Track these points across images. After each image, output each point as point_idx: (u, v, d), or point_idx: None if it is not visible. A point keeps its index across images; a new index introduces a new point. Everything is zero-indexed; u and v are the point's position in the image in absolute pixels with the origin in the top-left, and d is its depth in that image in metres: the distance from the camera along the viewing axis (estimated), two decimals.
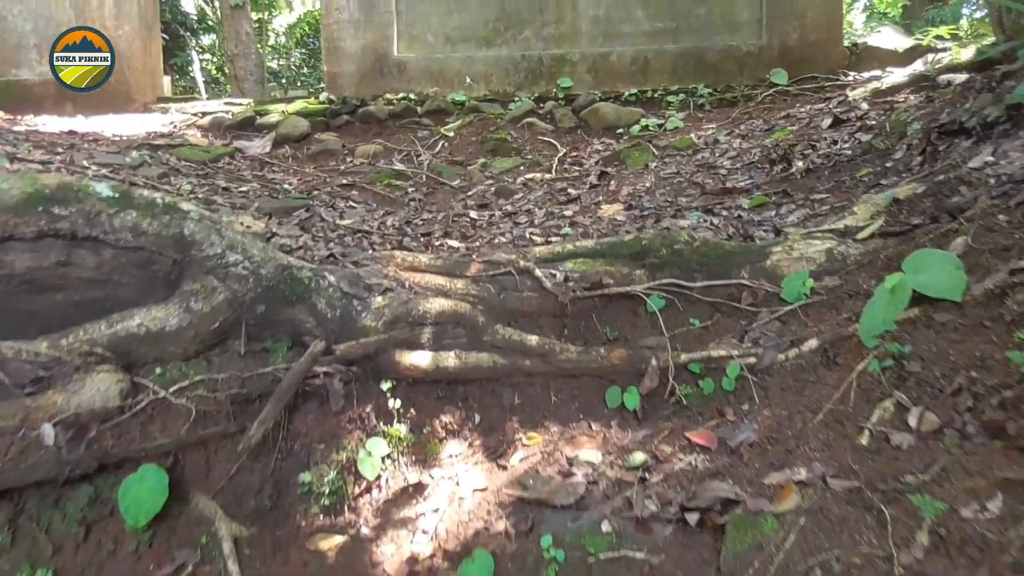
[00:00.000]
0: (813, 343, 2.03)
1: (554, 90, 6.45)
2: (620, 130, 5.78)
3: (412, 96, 6.51)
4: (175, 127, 6.18)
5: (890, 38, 6.16)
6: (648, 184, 4.18)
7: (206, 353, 2.14)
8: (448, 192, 4.65)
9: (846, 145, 3.74)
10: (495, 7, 6.59)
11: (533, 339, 2.28)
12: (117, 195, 2.05)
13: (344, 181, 4.88)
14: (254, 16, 18.37)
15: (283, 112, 6.24)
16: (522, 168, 5.14)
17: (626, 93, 6.35)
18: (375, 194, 4.60)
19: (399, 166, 5.11)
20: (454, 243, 3.31)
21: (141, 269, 2.09)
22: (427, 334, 2.28)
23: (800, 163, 3.64)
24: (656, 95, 6.32)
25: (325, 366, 2.11)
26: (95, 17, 6.75)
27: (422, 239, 3.47)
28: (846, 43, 6.49)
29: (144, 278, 2.11)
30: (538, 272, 2.50)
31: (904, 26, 8.44)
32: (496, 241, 3.33)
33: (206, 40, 20.73)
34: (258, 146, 5.67)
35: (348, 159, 5.50)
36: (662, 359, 2.17)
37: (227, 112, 6.36)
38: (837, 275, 2.30)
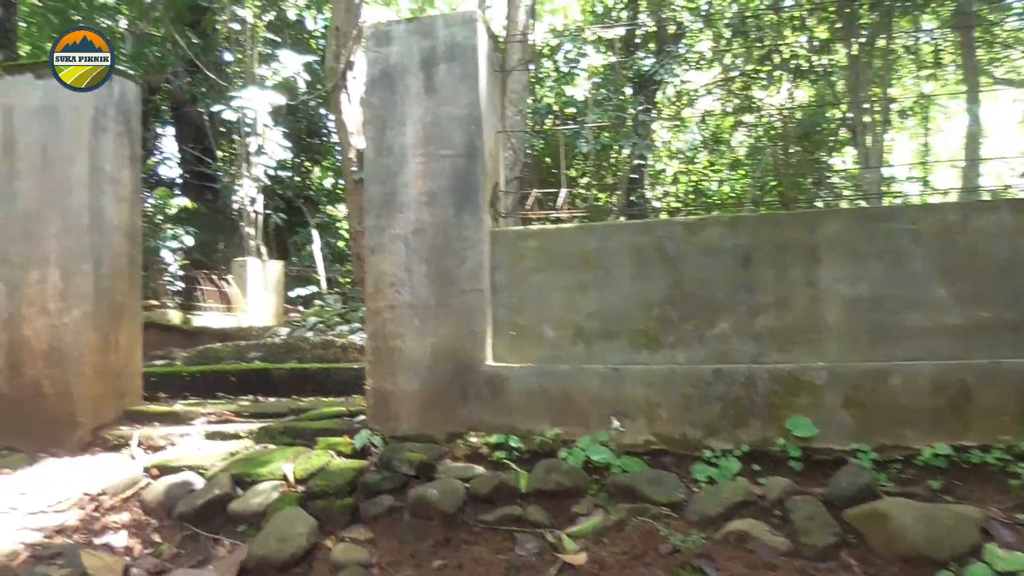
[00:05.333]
0: None
1: (780, 440, 3.75)
2: (947, 573, 2.94)
3: (514, 442, 4.00)
4: (99, 506, 3.91)
5: None
6: None
7: None
8: None
9: None
10: (661, 277, 4.11)
11: None
12: None
13: None
14: None
15: (281, 483, 3.85)
16: None
17: (926, 452, 3.56)
18: None
19: None
20: None
21: None
22: None
23: None
24: (993, 459, 3.48)
25: None
26: (33, 296, 4.82)
27: None
28: None
29: None
30: None
31: None
32: None
33: (343, 210, 19.97)
34: None
35: None
36: None
37: (197, 476, 4.05)
38: None
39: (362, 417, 4.48)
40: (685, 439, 3.89)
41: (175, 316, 11.49)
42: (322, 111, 19.32)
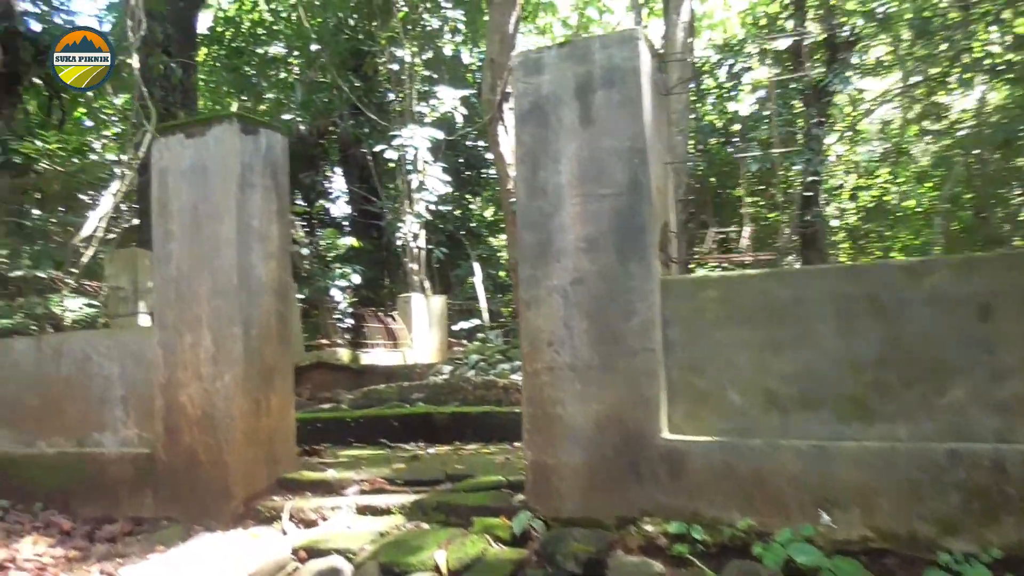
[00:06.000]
0: None
1: None
2: None
3: (698, 533, 3.42)
4: None
5: None
6: None
7: None
8: None
9: None
10: (874, 332, 3.40)
11: None
12: None
13: None
14: None
15: (433, 574, 3.46)
16: None
17: None
18: None
19: None
20: None
21: None
22: None
23: None
24: None
25: None
26: (187, 361, 4.73)
27: None
28: None
29: None
30: None
31: None
32: None
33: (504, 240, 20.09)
34: None
35: None
36: None
37: (345, 561, 3.74)
38: None
39: (521, 496, 4.03)
40: (914, 537, 3.16)
41: (344, 354, 11.65)
42: (480, 144, 19.39)
